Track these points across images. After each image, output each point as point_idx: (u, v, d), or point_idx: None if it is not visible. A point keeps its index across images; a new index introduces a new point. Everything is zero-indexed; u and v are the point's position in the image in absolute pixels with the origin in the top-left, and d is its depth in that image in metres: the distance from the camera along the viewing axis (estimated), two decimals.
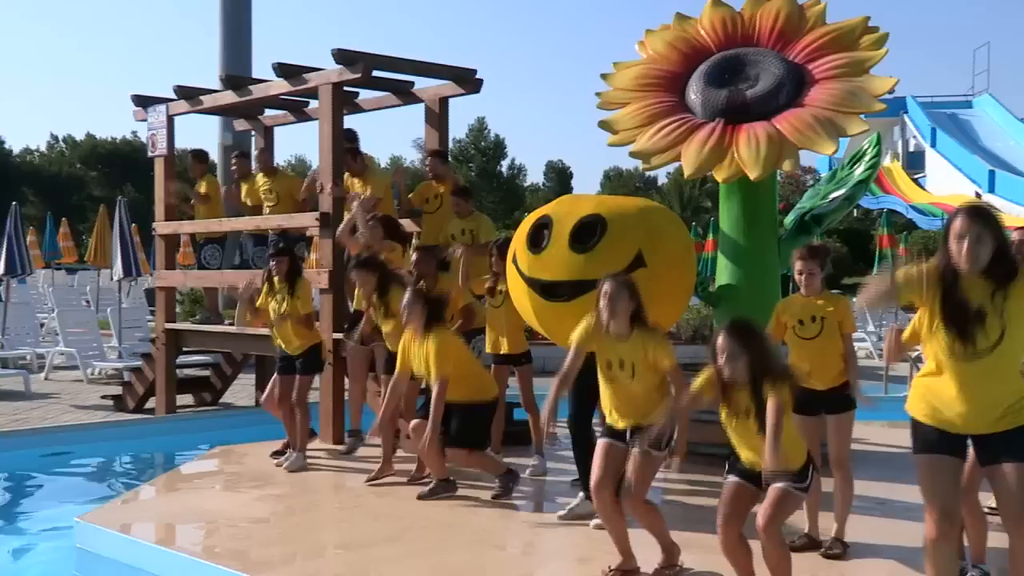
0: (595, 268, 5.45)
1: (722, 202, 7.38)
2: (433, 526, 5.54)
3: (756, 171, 6.42)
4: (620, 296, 4.42)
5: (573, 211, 5.70)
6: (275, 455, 7.49)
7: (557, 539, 5.29)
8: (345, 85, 8.45)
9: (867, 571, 4.68)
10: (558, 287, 5.55)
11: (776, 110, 6.74)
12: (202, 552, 5.15)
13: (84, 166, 71.48)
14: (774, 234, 7.30)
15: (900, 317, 19.96)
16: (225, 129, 15.23)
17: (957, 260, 3.48)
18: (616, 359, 4.47)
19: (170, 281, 10.18)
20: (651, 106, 7.11)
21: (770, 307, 7.24)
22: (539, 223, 5.70)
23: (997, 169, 39.98)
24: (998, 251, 3.49)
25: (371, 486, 6.48)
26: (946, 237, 3.55)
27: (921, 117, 46.63)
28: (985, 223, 3.49)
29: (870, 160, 7.36)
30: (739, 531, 4.01)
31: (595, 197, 6.41)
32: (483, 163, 67.14)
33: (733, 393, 3.97)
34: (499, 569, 4.80)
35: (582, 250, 5.53)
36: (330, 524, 5.86)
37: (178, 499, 6.49)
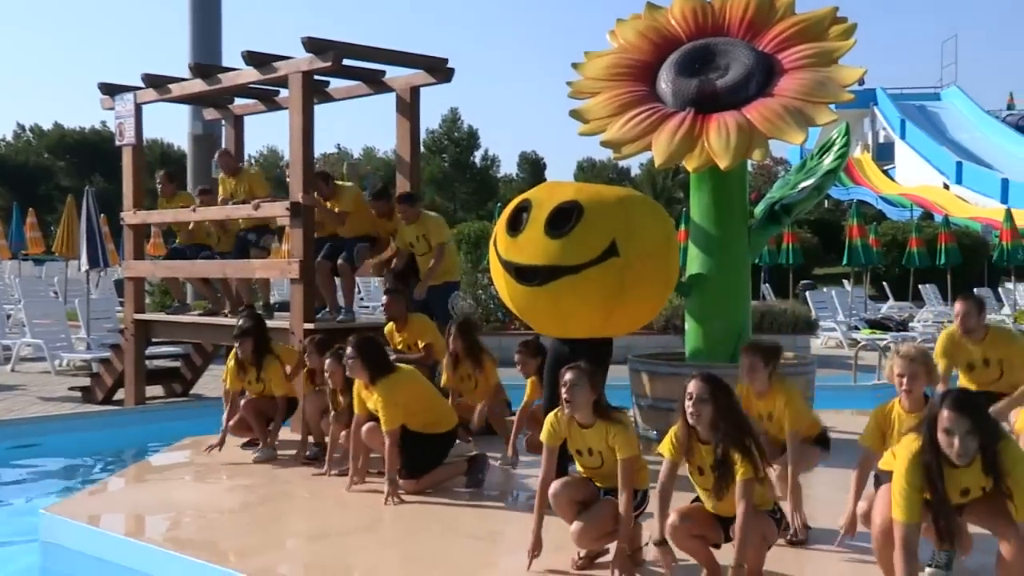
0: (568, 254, 5.50)
1: (693, 192, 7.42)
2: (404, 515, 5.53)
3: (726, 160, 6.45)
4: (580, 386, 4.41)
5: (553, 196, 5.71)
6: (246, 446, 7.45)
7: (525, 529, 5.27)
8: (315, 74, 8.40)
9: (830, 556, 4.72)
10: (531, 271, 5.57)
11: (746, 100, 6.78)
12: (170, 543, 5.11)
13: (52, 156, 70.50)
14: (744, 223, 7.35)
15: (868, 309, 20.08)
16: (195, 119, 15.09)
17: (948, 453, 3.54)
18: (584, 447, 4.51)
19: (139, 271, 10.08)
20: (622, 95, 7.12)
21: (740, 296, 7.38)
22: (520, 206, 5.71)
23: (964, 161, 40.49)
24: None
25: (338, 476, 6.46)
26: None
27: (891, 109, 47.10)
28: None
29: (839, 150, 7.42)
30: (688, 532, 4.09)
31: (578, 184, 6.44)
32: (456, 154, 66.93)
33: (697, 449, 4.10)
34: (470, 557, 4.80)
35: (557, 235, 5.52)
36: (300, 514, 5.84)
37: (147, 490, 6.43)
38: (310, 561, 4.83)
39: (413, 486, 5.95)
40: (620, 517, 4.32)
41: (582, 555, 4.53)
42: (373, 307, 18.02)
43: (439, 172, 64.98)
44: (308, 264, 8.21)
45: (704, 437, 4.09)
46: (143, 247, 10.20)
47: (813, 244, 30.51)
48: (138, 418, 9.61)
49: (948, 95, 49.24)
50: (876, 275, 26.22)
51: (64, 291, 17.73)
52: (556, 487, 4.47)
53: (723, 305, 7.23)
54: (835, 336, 16.84)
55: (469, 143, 68.29)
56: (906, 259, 21.96)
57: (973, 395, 3.74)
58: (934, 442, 3.58)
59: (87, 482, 7.43)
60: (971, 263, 26.10)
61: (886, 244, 26.94)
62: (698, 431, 4.10)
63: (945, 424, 3.53)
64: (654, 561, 4.51)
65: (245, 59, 8.43)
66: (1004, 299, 21.95)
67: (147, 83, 9.66)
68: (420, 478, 5.98)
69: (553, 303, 5.67)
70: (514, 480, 6.52)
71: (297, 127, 8.15)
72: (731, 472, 4.00)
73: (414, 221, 8.27)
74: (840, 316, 17.65)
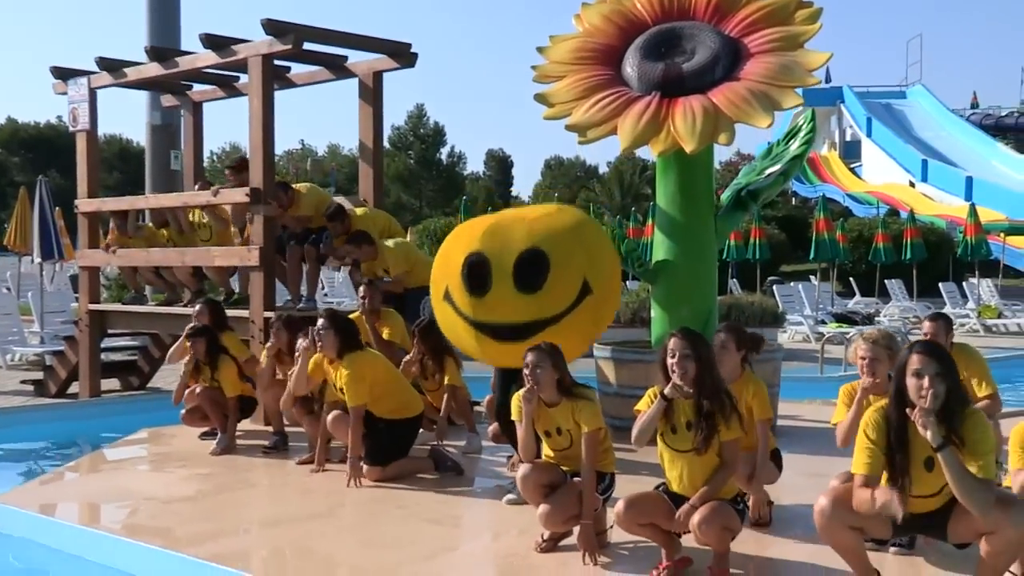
0: (547, 307, 5.31)
1: (658, 177, 7.42)
2: (365, 502, 5.50)
3: (692, 144, 6.46)
4: (543, 367, 4.42)
5: (507, 246, 5.37)
6: (204, 436, 7.36)
7: (491, 513, 5.28)
8: (275, 57, 8.32)
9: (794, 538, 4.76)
10: (512, 329, 5.29)
11: (712, 83, 6.79)
12: (123, 530, 5.03)
13: (5, 151, 69.39)
14: (711, 209, 7.37)
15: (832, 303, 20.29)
16: (153, 108, 14.87)
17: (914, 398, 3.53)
18: (552, 427, 4.51)
19: (93, 260, 9.91)
20: (587, 79, 7.11)
21: (706, 282, 7.40)
22: (474, 261, 5.36)
23: (929, 159, 41.05)
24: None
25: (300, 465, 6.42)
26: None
27: (857, 107, 47.60)
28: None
29: (805, 136, 7.47)
30: (635, 520, 4.08)
31: (521, 222, 5.60)
32: (422, 150, 66.70)
33: (677, 405, 4.08)
34: (431, 541, 4.78)
35: (531, 290, 5.28)
36: (259, 501, 5.79)
37: (101, 479, 6.34)
38: (268, 546, 4.79)
39: (376, 475, 5.90)
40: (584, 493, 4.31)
41: (546, 537, 4.52)
42: (337, 302, 17.90)
43: (404, 169, 64.74)
44: (268, 252, 8.13)
45: (686, 396, 4.08)
46: (98, 236, 10.02)
47: (781, 240, 30.72)
48: (93, 411, 9.46)
49: (913, 93, 49.90)
50: (843, 272, 26.49)
51: (17, 286, 17.44)
52: (525, 470, 4.45)
53: (689, 291, 7.24)
54: (802, 330, 16.97)
55: (435, 140, 68.09)
56: (872, 255, 22.16)
57: (940, 345, 3.73)
58: (900, 394, 3.58)
59: (38, 473, 7.30)
60: (936, 259, 26.44)
61: (853, 240, 27.15)
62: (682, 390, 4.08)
63: (915, 366, 3.53)
64: (619, 544, 4.53)
65: (203, 42, 8.33)
66: (968, 294, 22.26)
67: (102, 67, 9.52)
68: (384, 467, 5.94)
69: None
70: (477, 466, 6.50)
71: (257, 112, 8.07)
72: (714, 428, 4.01)
73: (373, 259, 8.27)
74: (807, 310, 17.80)
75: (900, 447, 3.58)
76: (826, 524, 3.65)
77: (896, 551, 4.37)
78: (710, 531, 3.95)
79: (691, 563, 4.17)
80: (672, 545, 4.18)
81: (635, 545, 4.51)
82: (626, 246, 7.51)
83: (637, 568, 4.22)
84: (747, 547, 4.45)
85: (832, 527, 3.65)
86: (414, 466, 6.08)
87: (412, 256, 8.48)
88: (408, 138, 66.97)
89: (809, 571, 4.24)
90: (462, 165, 71.55)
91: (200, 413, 7.12)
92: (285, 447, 6.94)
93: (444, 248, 5.68)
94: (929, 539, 4.33)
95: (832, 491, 3.68)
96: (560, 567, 4.31)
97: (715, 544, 4.01)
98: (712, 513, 3.96)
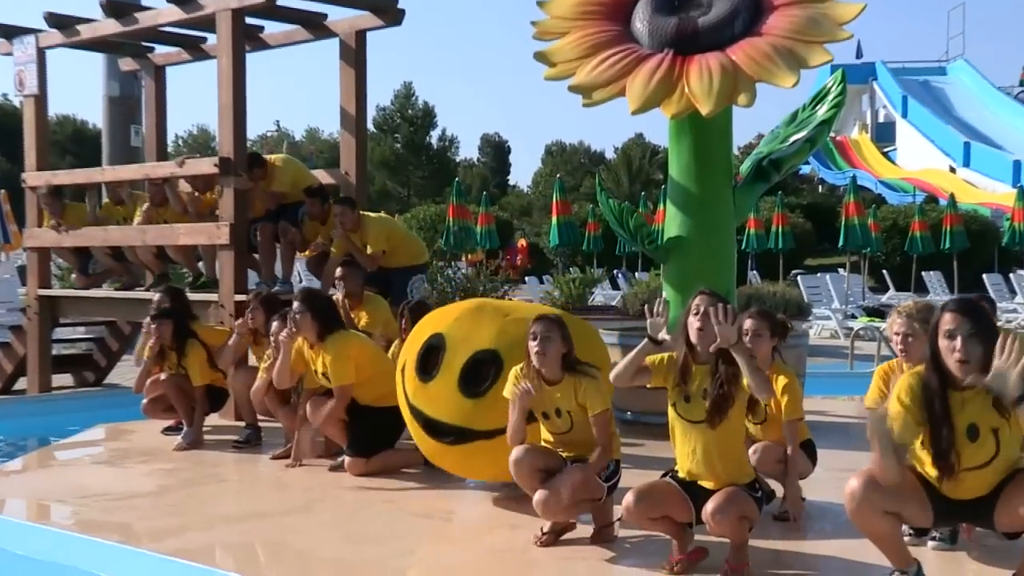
0: (482, 417, 5.04)
1: (671, 145, 7.42)
2: (347, 496, 5.52)
3: (708, 106, 6.46)
4: (552, 338, 4.43)
5: (469, 338, 5.25)
6: (168, 431, 7.37)
7: (486, 507, 5.29)
8: (247, 13, 8.31)
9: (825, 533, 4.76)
10: (441, 427, 5.19)
11: (731, 39, 6.80)
12: (75, 526, 5.04)
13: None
14: (728, 180, 7.38)
15: None
16: (110, 78, 14.84)
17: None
18: (552, 408, 4.52)
19: (43, 241, 9.87)
20: (593, 36, 7.11)
21: (723, 260, 7.40)
22: (431, 344, 5.31)
23: (972, 141, 41.14)
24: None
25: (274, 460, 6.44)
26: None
27: (891, 85, 47.76)
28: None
29: (834, 99, 7.46)
30: (645, 514, 4.07)
31: (498, 315, 5.44)
32: (410, 133, 66.65)
33: (692, 372, 4.08)
34: (420, 536, 4.79)
35: (471, 394, 5.10)
36: (229, 496, 5.81)
37: (50, 476, 6.35)
38: (238, 541, 4.80)
39: (360, 467, 5.91)
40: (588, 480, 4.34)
41: (545, 530, 4.52)
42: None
43: (391, 154, 64.73)
44: (239, 228, 8.13)
45: (704, 358, 4.09)
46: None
47: (806, 230, 30.83)
48: (42, 408, 9.42)
49: (955, 69, 50.02)
50: (875, 265, 26.53)
51: None
52: (518, 453, 4.45)
53: (705, 271, 7.21)
54: (829, 326, 16.97)
55: (425, 122, 68.06)
56: (908, 245, 22.21)
57: (976, 301, 3.73)
58: (936, 358, 3.58)
59: None
60: (979, 249, 26.50)
61: (886, 230, 27.26)
62: (696, 351, 4.10)
63: (947, 326, 3.53)
64: (625, 537, 4.54)
65: None
66: (1017, 287, 22.23)
67: (51, 24, 9.50)
68: (368, 459, 5.94)
69: (462, 461, 5.34)
70: None
71: (226, 72, 8.06)
72: (730, 396, 4.01)
73: (354, 229, 8.19)
74: (836, 303, 17.80)
75: (944, 417, 3.56)
76: (857, 508, 3.63)
77: (936, 545, 4.37)
78: (725, 521, 3.94)
79: (706, 555, 4.17)
80: (684, 537, 4.19)
81: (644, 538, 4.52)
82: (635, 221, 7.52)
83: (647, 563, 4.23)
84: (771, 541, 4.47)
85: (864, 511, 3.63)
86: (401, 459, 6.08)
87: (396, 234, 8.47)
88: (394, 119, 66.92)
89: (839, 566, 4.24)
90: (454, 150, 71.60)
91: (164, 404, 7.11)
92: (258, 441, 6.95)
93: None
94: (972, 537, 4.36)
95: (864, 472, 3.65)
96: (561, 562, 4.32)
97: (731, 535, 4.01)
98: (727, 501, 3.95)
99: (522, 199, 62.93)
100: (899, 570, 3.74)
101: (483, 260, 18.60)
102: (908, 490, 3.66)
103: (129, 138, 14.74)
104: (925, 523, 3.81)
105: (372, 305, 7.38)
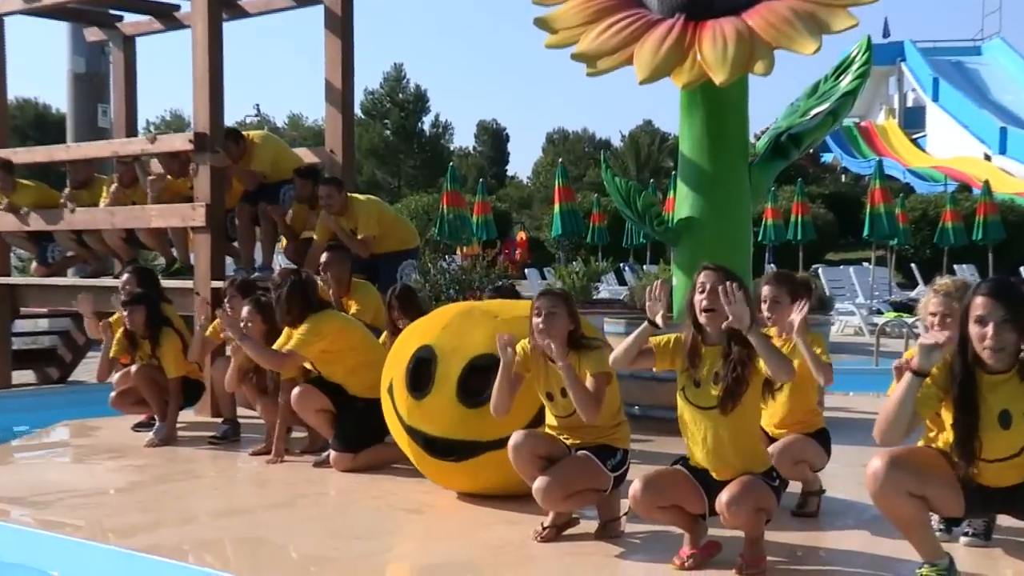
0: (488, 427, 4.97)
1: (682, 118, 7.44)
2: (332, 492, 5.55)
3: (722, 74, 6.47)
4: (558, 314, 4.44)
5: (462, 346, 5.22)
6: (138, 428, 7.38)
7: (483, 503, 5.28)
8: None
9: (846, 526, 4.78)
10: (444, 445, 5.17)
11: (747, 3, 6.82)
12: (38, 524, 5.05)
13: None
14: (744, 157, 7.40)
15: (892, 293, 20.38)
16: (76, 52, 14.81)
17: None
18: (556, 388, 4.53)
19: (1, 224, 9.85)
20: (598, 0, 7.13)
21: (739, 243, 7.41)
22: (420, 357, 5.29)
23: (1009, 126, 41.14)
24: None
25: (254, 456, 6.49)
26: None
27: (921, 66, 47.79)
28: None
29: (859, 68, 7.46)
30: (653, 503, 4.07)
31: (488, 318, 5.42)
32: (401, 119, 66.72)
33: (702, 354, 4.08)
34: (411, 532, 4.82)
35: (472, 404, 5.05)
36: (205, 492, 5.82)
37: (9, 473, 6.35)
38: (215, 537, 4.80)
39: (348, 463, 5.93)
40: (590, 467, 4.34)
41: (546, 524, 4.53)
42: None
43: (380, 142, 64.78)
44: (216, 209, 8.13)
45: (714, 339, 4.09)
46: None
47: (827, 221, 30.84)
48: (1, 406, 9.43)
49: (991, 49, 50.05)
50: (902, 259, 26.55)
51: None
52: (518, 438, 4.46)
53: (719, 254, 7.08)
54: (853, 322, 16.99)
55: (416, 107, 68.17)
56: (939, 236, 22.24)
57: (1012, 283, 3.69)
58: (965, 343, 3.58)
59: None
60: (1017, 241, 26.48)
61: (915, 221, 27.27)
62: (706, 332, 4.10)
63: (978, 311, 3.53)
64: (633, 533, 4.55)
65: None
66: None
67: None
68: (357, 453, 5.95)
69: (472, 478, 5.28)
70: None
71: (201, 39, 8.08)
72: (744, 380, 4.00)
73: (342, 212, 8.17)
74: (860, 298, 17.82)
75: (967, 406, 3.58)
76: (880, 489, 3.61)
77: (968, 541, 4.38)
78: (741, 512, 3.93)
79: (720, 549, 4.17)
80: (697, 530, 4.19)
81: (652, 534, 4.54)
82: (643, 200, 7.53)
83: (656, 558, 4.23)
84: (789, 536, 4.49)
85: (888, 492, 3.60)
86: (390, 454, 6.08)
87: (386, 217, 8.47)
88: (384, 104, 67.00)
89: (863, 560, 4.25)
90: (448, 137, 71.72)
91: (134, 397, 7.11)
92: (237, 437, 6.97)
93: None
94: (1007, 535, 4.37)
95: (889, 451, 3.65)
96: (563, 558, 4.33)
97: (747, 527, 4.00)
98: (743, 491, 3.94)
99: (521, 190, 63.00)
100: (929, 562, 3.72)
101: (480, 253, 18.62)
102: (936, 471, 3.66)
103: (96, 118, 14.69)
104: (955, 511, 3.79)
105: (361, 292, 7.37)
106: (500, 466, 4.69)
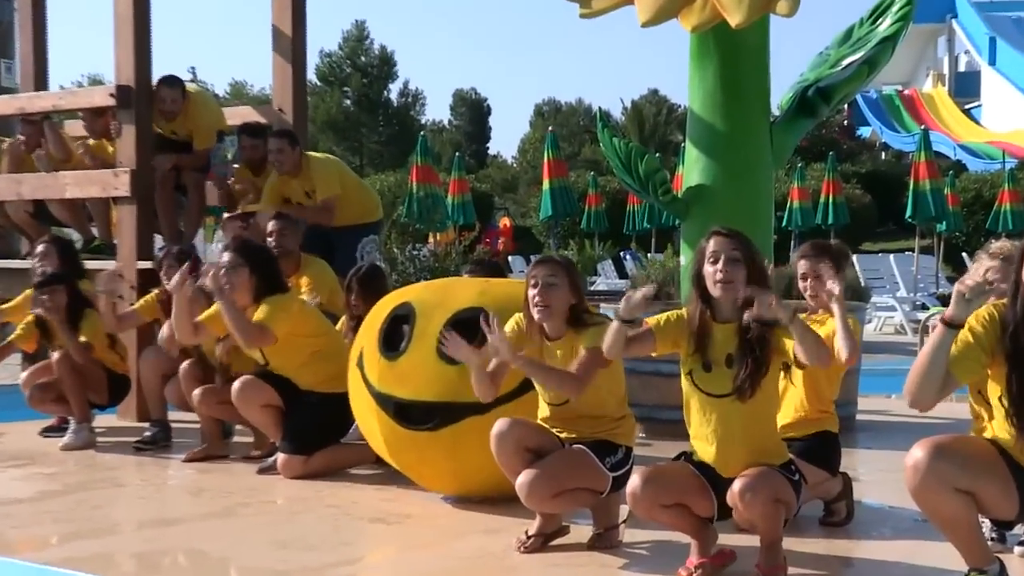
0: (471, 387, 4.85)
1: (692, 70, 7.49)
2: (280, 500, 5.61)
3: (739, 16, 6.54)
4: (559, 285, 4.48)
5: (446, 301, 5.35)
6: (48, 432, 7.40)
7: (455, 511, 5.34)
8: None
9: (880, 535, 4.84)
10: (420, 410, 5.23)
11: None
12: None
13: None
14: (764, 114, 7.47)
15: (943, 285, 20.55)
16: None
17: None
18: None
19: None
20: None
21: (758, 214, 7.47)
22: (395, 314, 5.40)
23: None
24: None
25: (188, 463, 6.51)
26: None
27: (976, 23, 47.97)
28: None
29: (900, 9, 7.52)
30: (655, 501, 4.09)
31: (480, 282, 5.76)
32: (363, 86, 66.61)
33: (712, 334, 4.10)
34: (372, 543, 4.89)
35: (454, 360, 5.02)
36: (130, 501, 5.86)
37: None
38: (141, 549, 4.86)
39: (297, 468, 5.96)
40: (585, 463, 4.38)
41: (531, 533, 4.57)
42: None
43: (338, 112, 64.70)
44: (143, 177, 8.12)
45: (726, 315, 4.11)
46: None
47: (864, 204, 30.97)
48: None
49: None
50: (952, 247, 26.71)
51: None
52: (502, 426, 4.48)
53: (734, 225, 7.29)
54: (894, 319, 17.07)
55: (382, 73, 68.10)
56: (994, 221, 22.41)
57: None
58: (1019, 290, 3.62)
59: None
60: None
61: (967, 203, 27.42)
62: (718, 307, 4.12)
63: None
64: (634, 543, 4.59)
65: None
66: None
67: None
68: (310, 455, 5.99)
69: (449, 452, 5.30)
70: None
71: None
72: (764, 362, 4.02)
73: (295, 172, 8.11)
74: (902, 291, 17.89)
75: (1020, 362, 3.61)
76: (922, 482, 3.61)
77: (1022, 551, 4.42)
78: (756, 501, 3.95)
79: (733, 559, 4.21)
80: (705, 536, 4.22)
81: (655, 543, 4.59)
82: (645, 165, 7.58)
83: (659, 570, 4.27)
84: (817, 546, 4.57)
85: (930, 485, 3.61)
86: (349, 456, 6.12)
87: (349, 180, 8.46)
88: (343, 69, 66.92)
89: (899, 571, 4.31)
90: (419, 109, 71.68)
91: (55, 392, 7.08)
92: (167, 442, 6.99)
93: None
94: None
95: (932, 440, 3.65)
96: (549, 569, 4.37)
97: (763, 522, 4.01)
98: (759, 479, 3.97)
99: (505, 171, 62.97)
100: (977, 569, 3.74)
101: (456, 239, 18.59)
102: (988, 464, 3.69)
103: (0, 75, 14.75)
104: (1008, 512, 3.80)
105: (313, 268, 7.37)
106: (483, 435, 4.68)
